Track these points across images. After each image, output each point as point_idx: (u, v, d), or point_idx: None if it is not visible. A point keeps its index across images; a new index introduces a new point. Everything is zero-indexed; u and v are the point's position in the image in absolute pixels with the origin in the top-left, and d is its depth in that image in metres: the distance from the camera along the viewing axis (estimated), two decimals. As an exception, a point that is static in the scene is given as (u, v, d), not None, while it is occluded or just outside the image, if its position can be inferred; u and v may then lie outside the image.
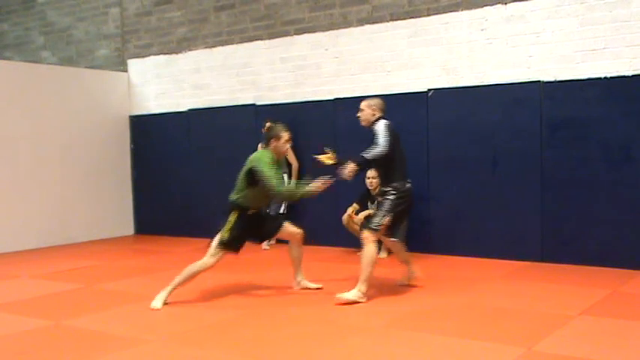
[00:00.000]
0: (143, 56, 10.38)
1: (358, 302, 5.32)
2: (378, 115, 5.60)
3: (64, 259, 8.21)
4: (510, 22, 7.20)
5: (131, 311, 5.47)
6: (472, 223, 7.49)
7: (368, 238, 5.40)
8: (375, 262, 5.42)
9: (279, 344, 4.43)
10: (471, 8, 7.43)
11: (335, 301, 5.32)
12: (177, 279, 5.53)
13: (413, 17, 7.81)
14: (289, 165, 8.66)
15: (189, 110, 9.87)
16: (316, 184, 5.54)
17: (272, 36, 8.98)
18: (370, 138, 5.54)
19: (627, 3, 6.56)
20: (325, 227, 8.44)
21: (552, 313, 4.98)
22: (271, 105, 8.98)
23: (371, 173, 7.57)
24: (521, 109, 7.14)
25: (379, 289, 5.90)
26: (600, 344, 4.25)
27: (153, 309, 5.36)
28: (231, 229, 5.55)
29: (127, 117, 10.55)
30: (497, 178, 7.32)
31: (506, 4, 7.21)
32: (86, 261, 8.06)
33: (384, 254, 7.63)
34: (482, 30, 7.38)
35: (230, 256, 8.15)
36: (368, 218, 5.64)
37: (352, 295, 5.35)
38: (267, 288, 6.27)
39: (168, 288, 5.50)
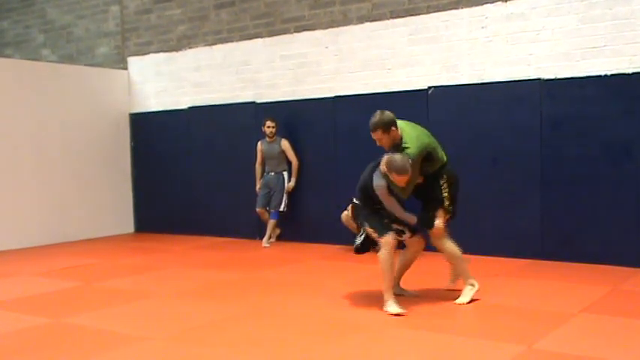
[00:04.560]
0: (143, 54, 10.37)
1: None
2: None
3: (63, 257, 8.21)
4: (510, 20, 7.19)
5: (131, 309, 5.47)
6: (472, 221, 7.48)
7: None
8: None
9: (279, 342, 4.43)
10: (471, 6, 7.42)
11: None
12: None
13: (413, 15, 7.81)
14: (289, 163, 8.67)
15: (189, 108, 9.86)
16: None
17: (272, 34, 8.98)
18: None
19: (627, 1, 6.55)
20: (324, 225, 8.44)
21: (553, 311, 4.98)
22: (271, 103, 8.97)
23: None
24: (521, 107, 7.14)
25: (378, 287, 5.89)
26: (601, 342, 4.25)
27: None
28: None
29: (127, 115, 10.54)
30: (497, 176, 7.32)
31: (506, 1, 7.20)
32: (86, 259, 8.06)
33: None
34: (482, 28, 7.37)
35: (230, 255, 8.19)
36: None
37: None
38: (267, 286, 6.27)
39: None
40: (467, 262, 5.41)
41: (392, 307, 5.00)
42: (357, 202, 5.54)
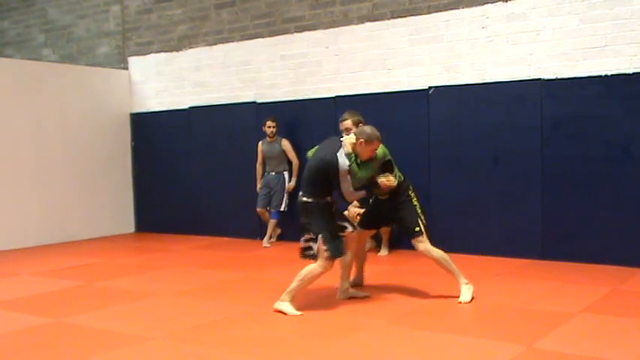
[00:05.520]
0: (144, 54, 10.38)
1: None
2: None
3: (64, 257, 8.21)
4: (511, 20, 7.19)
5: (132, 309, 5.47)
6: (473, 221, 7.49)
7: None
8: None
9: (279, 341, 4.43)
10: (472, 6, 7.42)
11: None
12: None
13: (414, 15, 7.80)
14: (290, 163, 8.67)
15: (190, 108, 9.86)
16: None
17: (273, 33, 8.98)
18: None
19: (628, 1, 6.55)
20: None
21: (553, 311, 4.98)
22: (272, 103, 8.97)
23: None
24: (521, 107, 7.14)
25: (379, 286, 5.90)
26: (601, 342, 4.25)
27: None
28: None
29: (128, 115, 10.54)
30: (497, 176, 7.32)
31: (507, 1, 7.20)
32: (87, 258, 8.07)
33: (385, 252, 7.63)
34: (483, 28, 7.37)
35: (230, 254, 8.19)
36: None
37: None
38: (268, 285, 6.27)
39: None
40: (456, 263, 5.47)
41: (291, 309, 5.06)
42: (309, 199, 5.14)
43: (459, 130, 7.53)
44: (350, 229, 5.36)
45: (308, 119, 8.70)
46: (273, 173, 8.67)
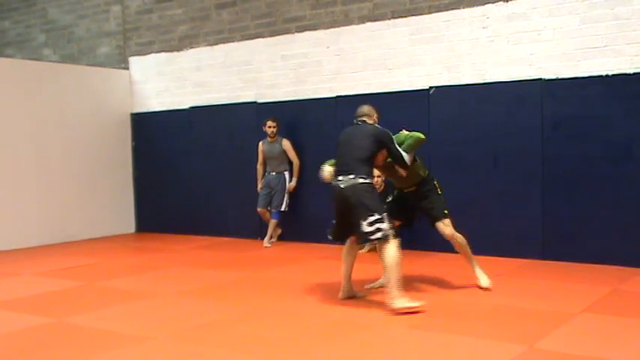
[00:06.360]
0: (144, 54, 10.38)
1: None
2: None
3: (65, 257, 8.22)
4: (512, 20, 7.19)
5: (132, 309, 5.47)
6: (473, 221, 7.47)
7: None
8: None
9: (280, 341, 4.43)
10: (473, 6, 7.42)
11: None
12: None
13: (414, 15, 7.81)
14: (290, 163, 8.67)
15: (191, 108, 9.87)
16: None
17: (273, 33, 8.98)
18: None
19: (628, 1, 6.55)
20: (325, 225, 8.42)
21: (554, 311, 4.98)
22: (272, 103, 8.98)
23: (375, 172, 7.52)
24: (522, 107, 7.14)
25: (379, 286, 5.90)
26: (602, 342, 4.25)
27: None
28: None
29: (129, 115, 10.55)
30: (498, 176, 7.32)
31: (507, 1, 7.20)
32: (87, 259, 8.07)
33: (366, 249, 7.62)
34: (483, 28, 7.37)
35: (231, 255, 8.19)
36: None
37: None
38: (269, 285, 6.27)
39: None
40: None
41: (409, 302, 4.97)
42: (366, 180, 5.17)
43: (459, 130, 7.53)
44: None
45: (309, 119, 8.70)
46: (274, 173, 8.67)
